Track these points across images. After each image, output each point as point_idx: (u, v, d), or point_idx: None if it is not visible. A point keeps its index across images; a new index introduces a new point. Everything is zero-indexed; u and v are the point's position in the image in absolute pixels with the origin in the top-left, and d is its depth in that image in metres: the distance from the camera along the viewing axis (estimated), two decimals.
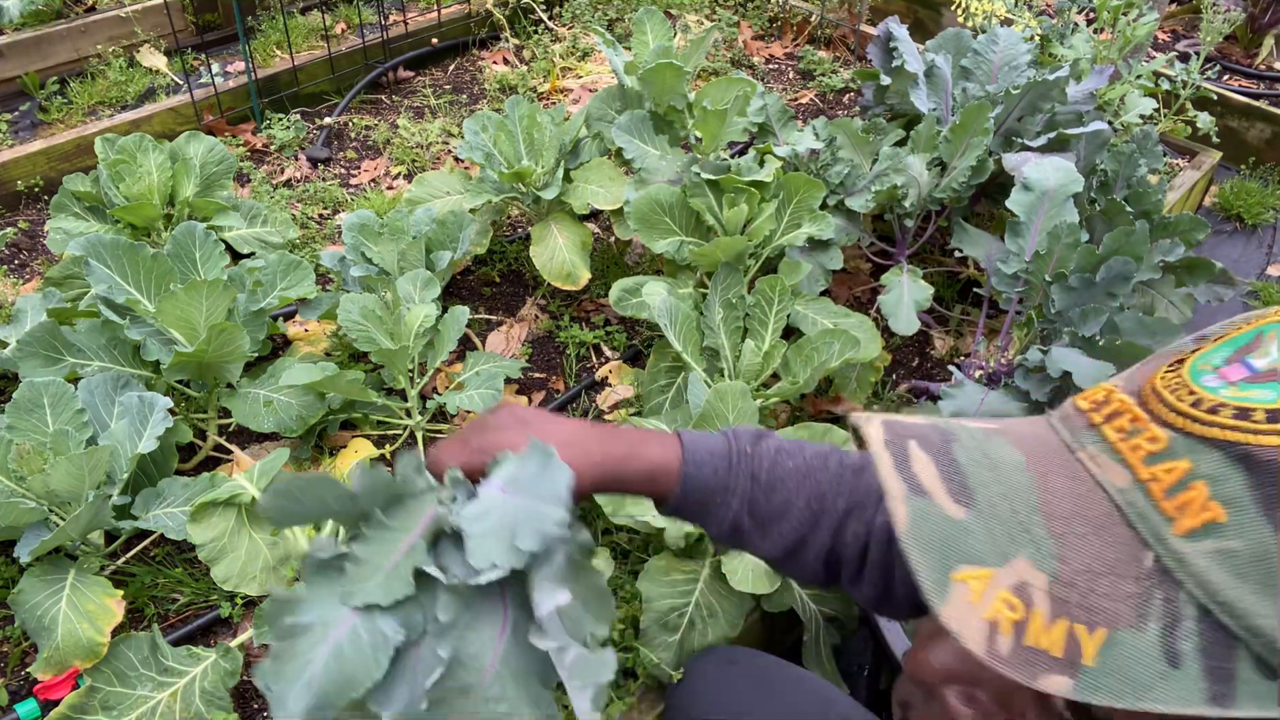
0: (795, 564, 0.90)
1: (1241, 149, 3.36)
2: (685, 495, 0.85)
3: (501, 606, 0.70)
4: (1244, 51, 4.05)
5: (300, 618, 0.65)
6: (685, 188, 2.12)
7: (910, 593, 0.88)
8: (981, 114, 2.19)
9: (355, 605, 0.65)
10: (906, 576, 0.85)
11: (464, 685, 0.65)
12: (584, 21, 3.62)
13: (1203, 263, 2.28)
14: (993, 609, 0.46)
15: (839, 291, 2.50)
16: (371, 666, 0.63)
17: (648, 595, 1.62)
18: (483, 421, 0.82)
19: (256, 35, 3.36)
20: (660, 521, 1.65)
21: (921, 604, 0.86)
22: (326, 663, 0.62)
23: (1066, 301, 1.96)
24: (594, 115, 2.54)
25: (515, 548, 0.66)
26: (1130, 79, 2.69)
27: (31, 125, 2.96)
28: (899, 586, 0.88)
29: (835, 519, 0.87)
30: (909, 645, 1.49)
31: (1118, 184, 2.34)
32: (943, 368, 2.33)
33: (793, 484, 0.87)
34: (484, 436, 0.78)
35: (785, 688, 1.33)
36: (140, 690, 1.49)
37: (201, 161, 2.40)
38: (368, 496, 0.70)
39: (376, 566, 0.67)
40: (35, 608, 1.53)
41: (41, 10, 3.20)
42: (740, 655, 1.45)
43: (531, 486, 0.70)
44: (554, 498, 0.69)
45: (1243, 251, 3.08)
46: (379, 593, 0.65)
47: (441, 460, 0.77)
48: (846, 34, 3.67)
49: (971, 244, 2.32)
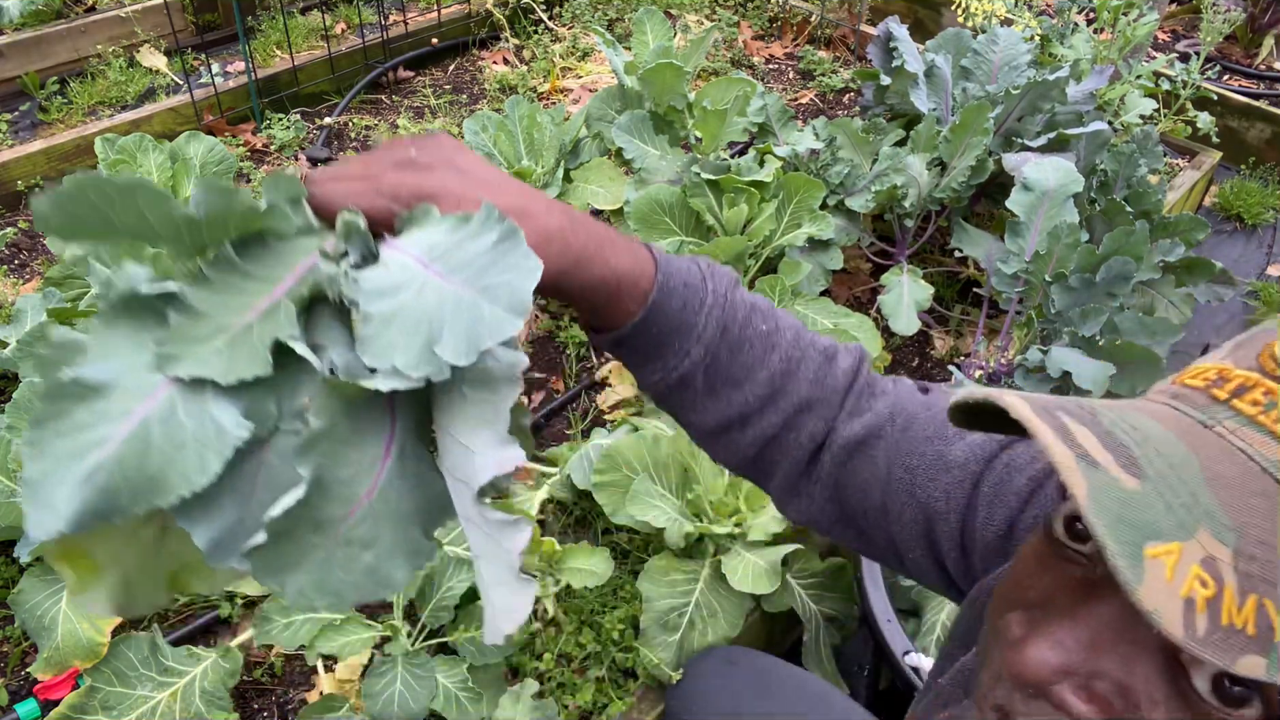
0: (723, 442, 0.78)
1: (1241, 149, 3.36)
2: (643, 328, 0.68)
3: (389, 421, 0.50)
4: (1244, 51, 4.05)
5: (88, 372, 0.44)
6: (685, 188, 2.12)
7: (875, 527, 0.79)
8: (981, 114, 2.19)
9: (177, 375, 0.45)
10: (871, 506, 0.78)
11: (322, 519, 0.47)
12: (584, 21, 3.62)
13: (1203, 263, 2.28)
14: (1188, 586, 0.42)
15: (839, 291, 2.50)
16: (192, 467, 0.44)
17: (648, 595, 1.62)
18: (397, 151, 0.59)
19: (256, 35, 3.36)
20: (660, 522, 1.65)
21: (884, 544, 0.80)
22: (123, 448, 0.42)
23: (1066, 301, 1.96)
24: (594, 115, 2.54)
25: (434, 354, 0.45)
26: (1130, 79, 2.69)
27: (31, 125, 2.96)
28: (862, 516, 0.79)
29: (792, 405, 0.76)
30: (910, 645, 1.49)
31: (1118, 184, 2.34)
32: (943, 368, 2.33)
33: (760, 350, 0.74)
34: (400, 175, 0.56)
35: (785, 688, 1.33)
36: (140, 690, 1.49)
37: (201, 162, 2.40)
38: (215, 222, 0.47)
39: (219, 325, 0.46)
40: (35, 608, 1.53)
41: (41, 10, 3.19)
42: (740, 655, 1.45)
43: (476, 271, 0.47)
44: (510, 299, 0.46)
45: (1243, 251, 3.08)
46: (218, 363, 0.45)
47: (332, 196, 0.53)
48: (846, 34, 3.68)
49: (971, 244, 2.32)
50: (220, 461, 0.44)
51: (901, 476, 0.76)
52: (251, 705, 1.60)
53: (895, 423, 0.77)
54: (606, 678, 1.61)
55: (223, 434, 0.45)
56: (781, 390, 0.76)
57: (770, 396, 0.75)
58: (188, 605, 1.71)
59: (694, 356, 0.71)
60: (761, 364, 0.75)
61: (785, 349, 0.76)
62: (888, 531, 0.78)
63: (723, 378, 0.74)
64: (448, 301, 0.47)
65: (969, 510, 0.75)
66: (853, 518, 0.80)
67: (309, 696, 1.60)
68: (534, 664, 1.59)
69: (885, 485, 0.76)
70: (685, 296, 0.70)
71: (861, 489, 0.78)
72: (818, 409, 0.77)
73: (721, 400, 0.75)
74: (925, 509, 0.76)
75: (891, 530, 0.78)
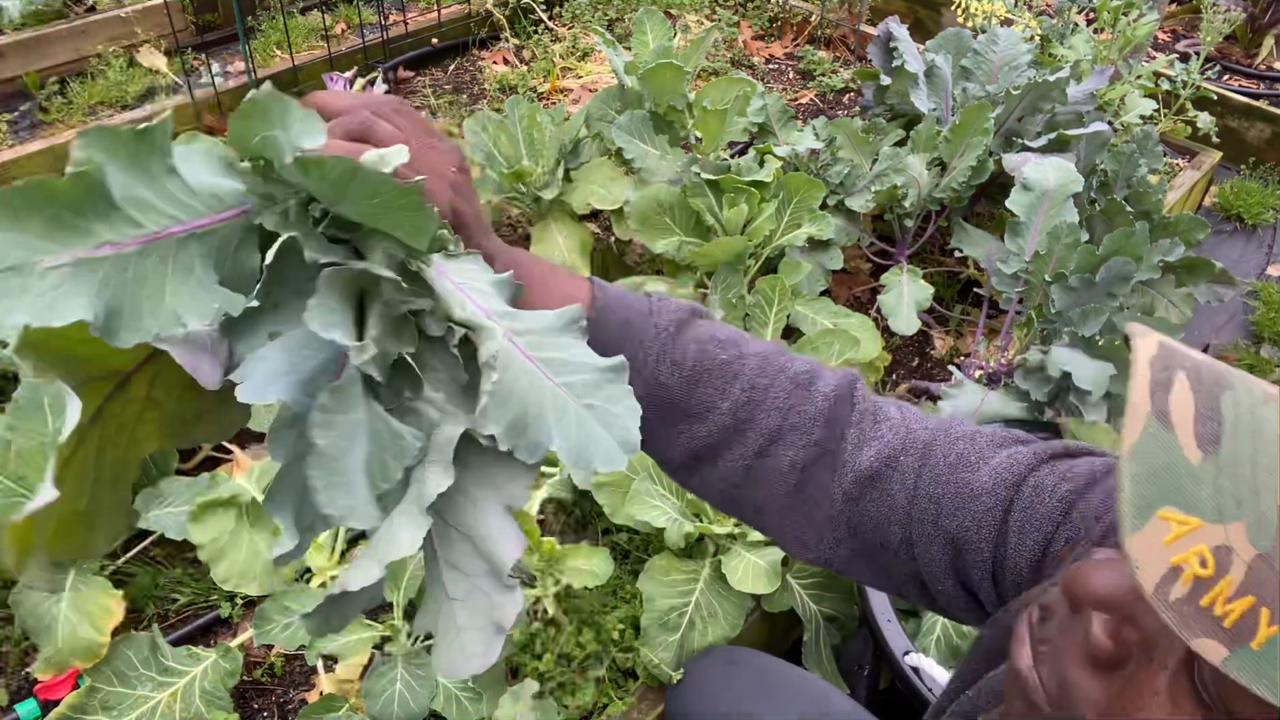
0: (698, 478, 0.78)
1: (1241, 149, 3.36)
2: None
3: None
4: (1244, 51, 4.05)
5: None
6: (685, 188, 2.12)
7: (897, 561, 0.76)
8: (981, 114, 2.19)
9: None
10: (891, 540, 0.75)
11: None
12: (584, 21, 3.62)
13: (1203, 263, 2.28)
14: (1184, 558, 0.43)
15: (839, 291, 2.50)
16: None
17: (648, 595, 1.62)
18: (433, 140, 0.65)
19: (256, 35, 3.35)
20: (660, 522, 1.65)
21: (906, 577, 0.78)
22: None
23: (1066, 301, 1.96)
24: (594, 115, 2.54)
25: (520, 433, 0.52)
26: (1130, 79, 2.69)
27: (31, 125, 2.96)
28: (882, 551, 0.76)
29: (762, 435, 0.75)
30: (910, 645, 1.49)
31: (1118, 184, 2.34)
32: (943, 368, 2.33)
33: (719, 381, 0.74)
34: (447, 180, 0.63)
35: (785, 688, 1.33)
36: (140, 690, 1.49)
37: None
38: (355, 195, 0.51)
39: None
40: (35, 608, 1.53)
41: (41, 10, 3.19)
42: (740, 655, 1.45)
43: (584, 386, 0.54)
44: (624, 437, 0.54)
45: (1243, 251, 3.08)
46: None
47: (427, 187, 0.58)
48: (846, 34, 3.68)
49: (971, 244, 2.32)
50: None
51: (926, 508, 0.74)
52: (251, 705, 1.60)
53: (910, 451, 0.75)
54: (606, 678, 1.61)
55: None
56: (749, 420, 0.74)
57: (735, 426, 0.75)
58: (188, 605, 1.71)
59: (636, 393, 0.71)
60: (722, 395, 0.74)
61: (750, 377, 0.75)
62: (912, 565, 0.76)
63: (680, 411, 0.74)
64: (547, 397, 0.52)
65: (1000, 538, 0.74)
66: (872, 554, 0.78)
67: (309, 696, 1.60)
68: (534, 664, 1.59)
69: (907, 518, 0.75)
70: (623, 334, 0.71)
71: (879, 524, 0.76)
72: (793, 437, 0.75)
73: (683, 434, 0.75)
74: (954, 539, 0.74)
75: (917, 563, 0.76)
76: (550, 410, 0.52)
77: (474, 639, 0.52)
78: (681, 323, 0.75)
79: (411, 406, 0.54)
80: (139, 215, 0.45)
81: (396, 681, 1.50)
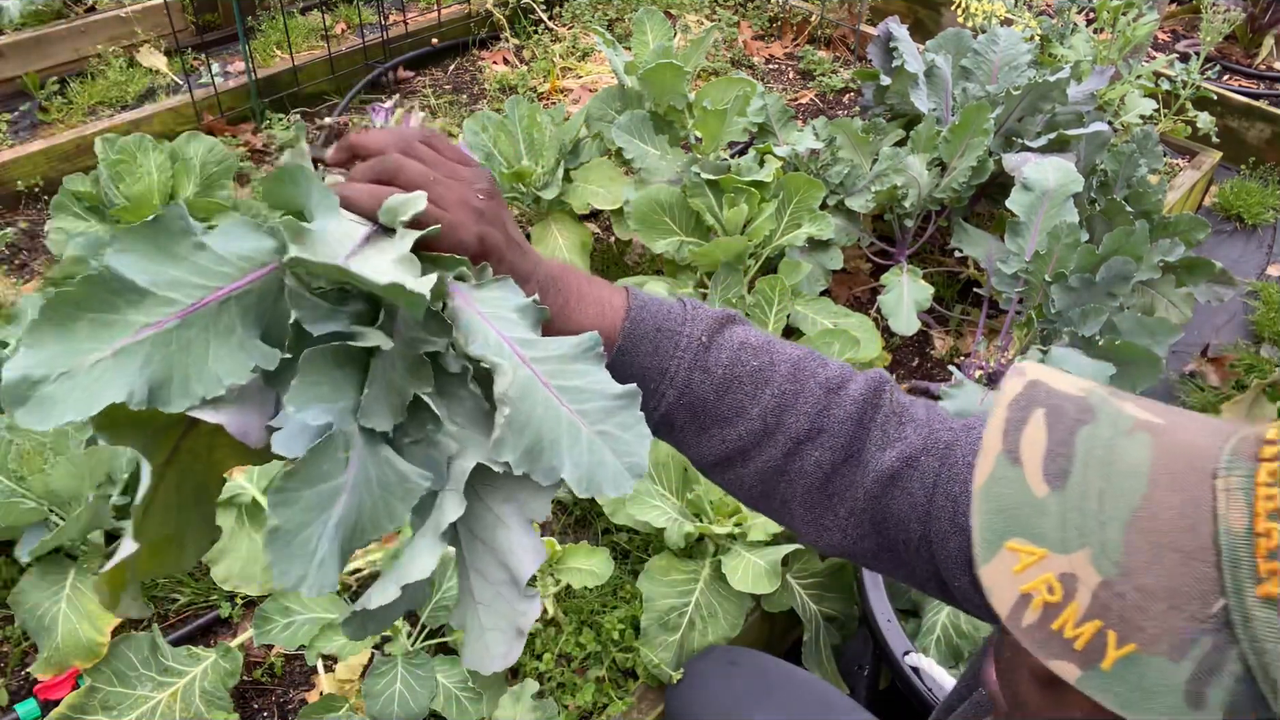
0: (728, 477, 0.81)
1: (1241, 149, 3.36)
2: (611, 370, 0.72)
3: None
4: (1244, 51, 4.05)
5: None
6: (685, 188, 2.12)
7: (917, 558, 0.80)
8: (981, 114, 2.19)
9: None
10: (912, 537, 0.78)
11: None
12: (584, 21, 3.62)
13: (1203, 263, 2.28)
14: (1032, 585, 0.47)
15: (839, 291, 2.50)
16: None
17: (648, 595, 1.62)
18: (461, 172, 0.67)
19: (256, 35, 3.35)
20: (660, 522, 1.65)
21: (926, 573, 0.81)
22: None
23: (1066, 301, 1.96)
24: (594, 115, 2.54)
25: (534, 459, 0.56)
26: (1130, 79, 2.69)
27: (31, 125, 2.96)
28: (904, 547, 0.79)
29: (791, 438, 0.77)
30: (910, 645, 1.49)
31: (1118, 184, 2.34)
32: (943, 368, 2.33)
33: (750, 387, 0.76)
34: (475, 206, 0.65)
35: (785, 688, 1.33)
36: (140, 690, 1.49)
37: (201, 161, 2.40)
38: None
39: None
40: (35, 608, 1.53)
41: (41, 10, 3.19)
42: (740, 655, 1.45)
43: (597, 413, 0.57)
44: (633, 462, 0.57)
45: (1243, 251, 3.08)
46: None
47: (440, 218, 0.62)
48: (846, 34, 3.68)
49: (971, 244, 2.32)
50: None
51: (944, 505, 0.76)
52: (251, 705, 1.60)
53: (931, 451, 0.77)
54: (606, 678, 1.61)
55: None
56: (778, 425, 0.76)
57: (765, 431, 0.77)
58: (188, 605, 1.71)
59: (669, 399, 0.75)
60: (753, 400, 0.76)
61: (780, 383, 0.77)
62: (931, 561, 0.78)
63: (711, 416, 0.76)
64: (563, 424, 0.55)
65: None
66: (894, 549, 0.80)
67: (309, 696, 1.60)
68: (534, 664, 1.59)
69: (926, 515, 0.77)
70: (657, 342, 0.74)
71: (900, 520, 0.77)
72: (821, 439, 0.77)
73: (714, 438, 0.77)
74: (969, 536, 0.75)
75: (936, 559, 0.78)
76: (565, 437, 0.55)
77: (497, 640, 0.57)
78: (714, 330, 0.77)
79: (432, 438, 0.57)
80: (172, 294, 0.50)
81: (396, 681, 1.50)
